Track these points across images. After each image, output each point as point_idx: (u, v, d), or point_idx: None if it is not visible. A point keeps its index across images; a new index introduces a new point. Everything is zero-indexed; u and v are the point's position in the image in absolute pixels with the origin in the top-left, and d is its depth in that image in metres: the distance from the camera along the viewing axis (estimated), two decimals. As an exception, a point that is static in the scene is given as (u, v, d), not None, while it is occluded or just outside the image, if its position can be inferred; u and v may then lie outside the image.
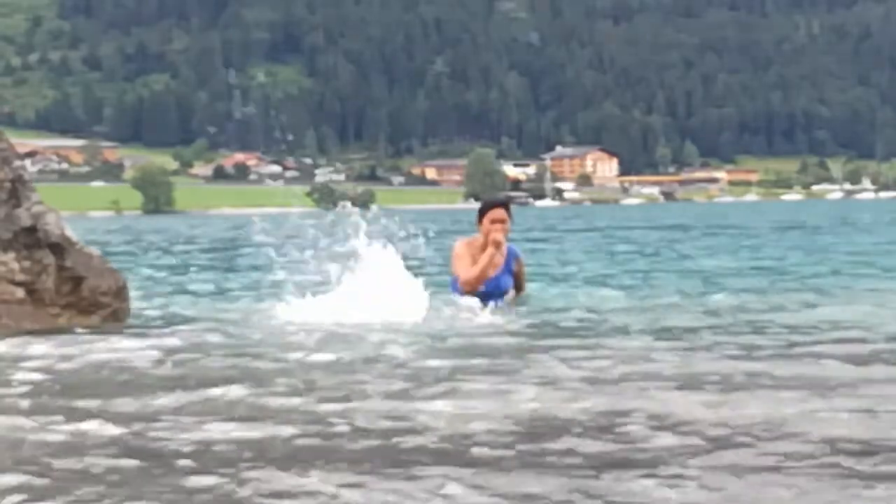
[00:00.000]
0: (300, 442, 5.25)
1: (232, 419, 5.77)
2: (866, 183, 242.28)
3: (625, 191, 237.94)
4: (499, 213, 11.12)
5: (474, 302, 10.71)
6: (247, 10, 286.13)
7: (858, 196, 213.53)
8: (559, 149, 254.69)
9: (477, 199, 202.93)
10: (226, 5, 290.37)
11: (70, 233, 10.32)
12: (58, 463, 4.83)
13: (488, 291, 11.09)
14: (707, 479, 4.42)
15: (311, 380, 6.98)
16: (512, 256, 11.32)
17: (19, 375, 7.38)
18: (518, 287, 11.44)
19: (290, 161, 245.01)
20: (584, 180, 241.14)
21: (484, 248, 11.17)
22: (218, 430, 5.49)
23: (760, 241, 29.19)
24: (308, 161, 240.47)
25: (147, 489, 4.38)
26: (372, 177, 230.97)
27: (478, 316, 10.03)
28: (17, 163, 10.53)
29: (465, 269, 11.14)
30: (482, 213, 11.25)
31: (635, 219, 65.28)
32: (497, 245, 11.09)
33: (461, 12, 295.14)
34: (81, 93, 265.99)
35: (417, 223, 11.11)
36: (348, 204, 10.65)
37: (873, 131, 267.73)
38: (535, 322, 9.84)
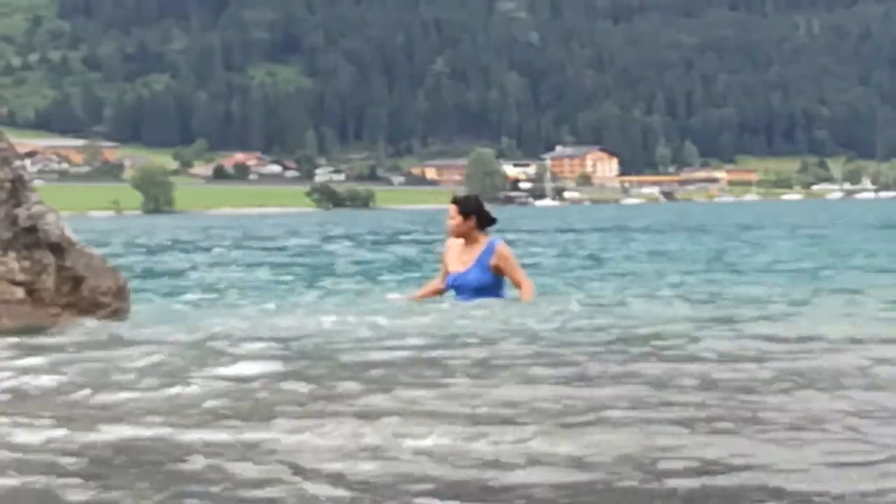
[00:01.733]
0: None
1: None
2: (866, 183, 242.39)
3: (625, 191, 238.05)
4: (450, 208, 11.43)
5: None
6: (247, 10, 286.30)
7: (858, 196, 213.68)
8: (559, 149, 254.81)
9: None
10: (226, 5, 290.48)
11: (70, 233, 10.32)
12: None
13: (455, 286, 11.28)
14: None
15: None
16: (488, 251, 11.20)
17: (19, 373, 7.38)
18: (515, 283, 11.25)
19: (289, 161, 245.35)
20: (584, 180, 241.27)
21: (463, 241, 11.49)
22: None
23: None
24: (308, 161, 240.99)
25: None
26: (372, 177, 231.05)
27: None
28: (17, 163, 10.54)
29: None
30: None
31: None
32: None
33: (461, 12, 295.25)
34: (81, 93, 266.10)
35: (414, 223, 11.24)
36: None
37: (873, 131, 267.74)
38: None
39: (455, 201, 11.42)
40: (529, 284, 11.30)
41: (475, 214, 11.27)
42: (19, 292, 9.94)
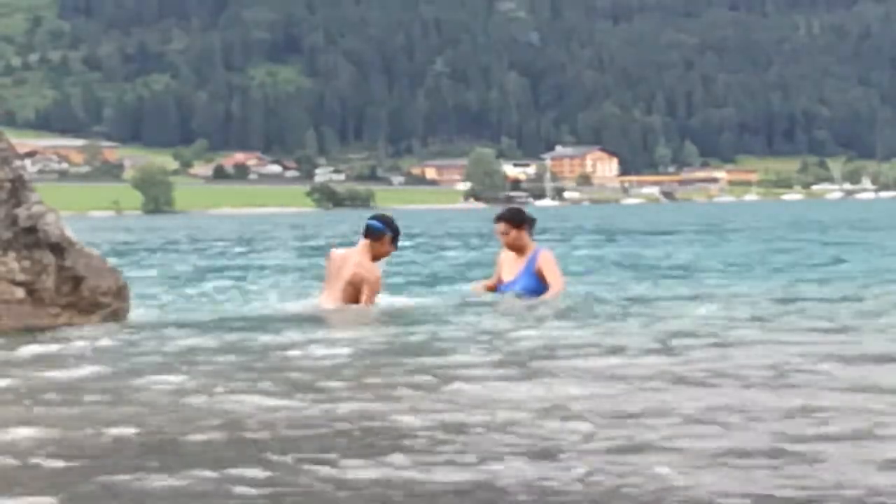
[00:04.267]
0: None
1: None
2: (866, 183, 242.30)
3: (625, 191, 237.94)
4: (499, 226, 11.90)
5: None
6: (247, 10, 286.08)
7: (858, 196, 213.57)
8: (559, 149, 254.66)
9: (477, 198, 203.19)
10: (226, 5, 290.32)
11: (70, 233, 10.33)
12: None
13: (503, 291, 11.88)
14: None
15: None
16: (533, 259, 11.77)
17: (19, 374, 7.40)
18: (549, 283, 11.72)
19: (289, 161, 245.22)
20: (584, 180, 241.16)
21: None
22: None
23: None
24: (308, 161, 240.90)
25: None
26: (372, 177, 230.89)
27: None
28: (17, 163, 10.55)
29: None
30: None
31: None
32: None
33: (461, 12, 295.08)
34: (81, 93, 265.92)
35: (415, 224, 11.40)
36: None
37: (873, 131, 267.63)
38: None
39: (503, 218, 11.88)
40: (558, 286, 11.79)
41: (525, 224, 11.84)
42: (19, 292, 9.95)
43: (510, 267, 11.82)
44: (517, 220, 11.81)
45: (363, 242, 11.30)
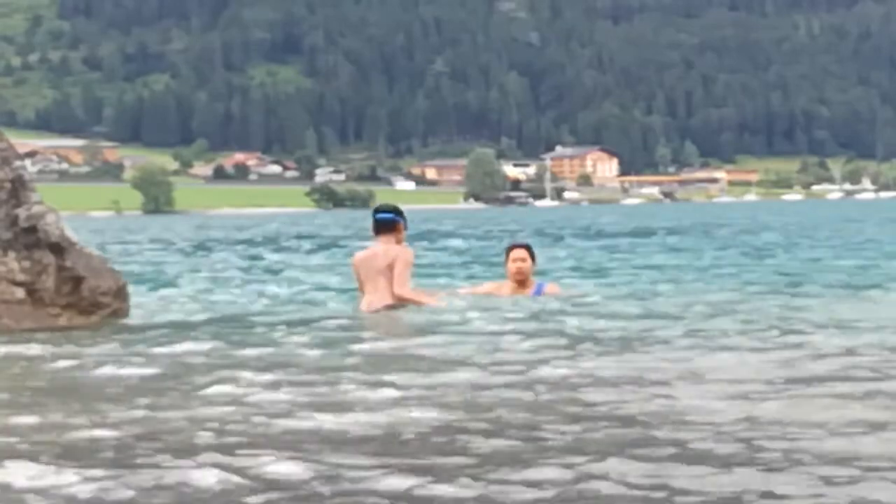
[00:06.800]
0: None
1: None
2: (866, 183, 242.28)
3: (625, 191, 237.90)
4: (520, 252, 12.03)
5: None
6: (247, 10, 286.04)
7: (858, 196, 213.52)
8: (559, 149, 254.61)
9: (477, 198, 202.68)
10: (226, 5, 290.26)
11: (70, 233, 10.32)
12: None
13: None
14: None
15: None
16: (538, 289, 11.98)
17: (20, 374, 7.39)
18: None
19: (289, 161, 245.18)
20: (584, 180, 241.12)
21: (512, 282, 12.03)
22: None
23: None
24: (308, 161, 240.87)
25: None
26: (372, 177, 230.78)
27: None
28: (17, 163, 10.55)
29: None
30: (507, 253, 12.23)
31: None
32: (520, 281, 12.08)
33: (461, 12, 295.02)
34: (81, 93, 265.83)
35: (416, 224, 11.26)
36: None
37: (873, 131, 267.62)
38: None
39: (524, 246, 12.17)
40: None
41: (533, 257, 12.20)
42: (19, 292, 9.94)
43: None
44: (532, 253, 12.07)
45: (381, 239, 11.08)
